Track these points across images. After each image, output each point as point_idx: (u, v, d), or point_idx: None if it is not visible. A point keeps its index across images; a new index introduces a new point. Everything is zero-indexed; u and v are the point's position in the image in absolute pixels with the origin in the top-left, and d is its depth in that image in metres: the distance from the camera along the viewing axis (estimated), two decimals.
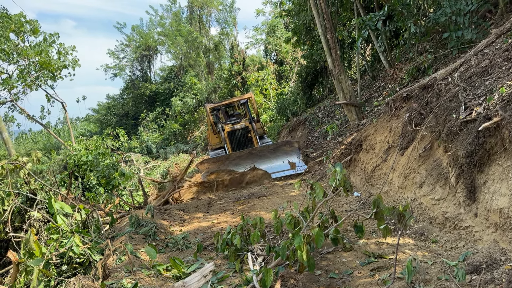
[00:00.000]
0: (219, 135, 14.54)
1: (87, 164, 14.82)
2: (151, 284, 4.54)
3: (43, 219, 7.03)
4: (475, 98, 4.73)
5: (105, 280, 4.81)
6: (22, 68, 21.20)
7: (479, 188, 4.21)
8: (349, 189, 4.79)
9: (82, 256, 5.67)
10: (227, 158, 12.58)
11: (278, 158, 12.36)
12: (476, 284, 3.23)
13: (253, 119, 14.27)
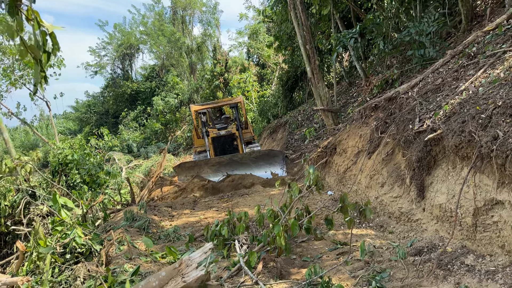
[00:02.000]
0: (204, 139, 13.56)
1: (73, 162, 15.26)
2: (150, 268, 5.26)
3: (44, 213, 7.65)
4: (427, 112, 5.62)
5: (107, 265, 5.50)
6: (6, 66, 21.40)
7: (427, 187, 5.09)
8: (321, 187, 5.63)
9: (83, 246, 6.31)
10: (206, 163, 12.00)
11: (261, 167, 11.75)
12: (417, 263, 4.09)
13: (241, 125, 13.31)
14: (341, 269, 4.41)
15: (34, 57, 1.96)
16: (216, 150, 13.07)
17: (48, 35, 1.99)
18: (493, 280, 3.29)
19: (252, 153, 11.83)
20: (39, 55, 1.95)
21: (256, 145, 13.86)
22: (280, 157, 11.68)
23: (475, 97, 4.49)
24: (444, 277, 3.64)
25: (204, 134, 13.21)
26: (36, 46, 1.95)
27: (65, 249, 6.21)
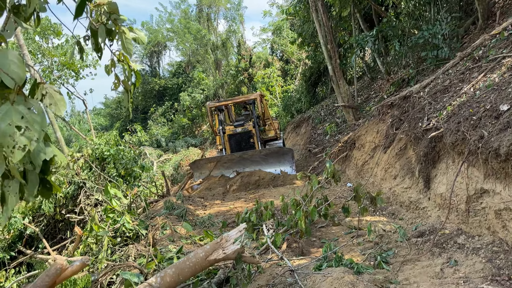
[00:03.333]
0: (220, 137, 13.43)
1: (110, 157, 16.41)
2: (190, 248, 6.15)
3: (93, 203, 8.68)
4: (434, 112, 6.26)
5: (154, 246, 6.42)
6: (45, 67, 22.85)
7: (432, 179, 5.76)
8: (338, 179, 6.39)
9: (131, 231, 7.28)
10: (218, 160, 12.23)
11: (270, 165, 11.71)
12: (419, 243, 4.81)
13: (258, 122, 12.93)
14: (354, 249, 5.17)
15: (124, 88, 2.79)
16: (232, 147, 12.96)
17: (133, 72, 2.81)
18: (477, 254, 3.99)
19: (261, 150, 11.78)
20: (128, 87, 2.77)
21: (278, 142, 13.52)
22: (290, 155, 11.64)
23: (472, 100, 5.13)
24: (439, 253, 4.36)
25: (220, 131, 13.13)
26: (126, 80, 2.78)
27: (116, 233, 7.19)
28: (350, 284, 3.58)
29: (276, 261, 4.97)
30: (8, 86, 1.42)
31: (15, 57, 1.46)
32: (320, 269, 4.35)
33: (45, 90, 1.73)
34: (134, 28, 2.67)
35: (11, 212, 1.56)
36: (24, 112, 1.43)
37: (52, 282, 3.87)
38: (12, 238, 10.24)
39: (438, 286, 3.68)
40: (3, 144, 1.37)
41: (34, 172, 1.65)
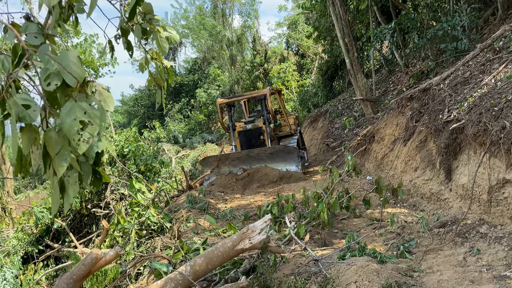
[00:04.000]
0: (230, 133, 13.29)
1: (130, 153, 16.75)
2: (214, 240, 6.32)
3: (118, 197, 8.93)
4: (455, 104, 6.28)
5: (179, 238, 6.62)
6: None
7: (453, 170, 5.80)
8: (359, 172, 6.47)
9: (156, 224, 7.50)
10: (226, 158, 12.32)
11: (276, 163, 11.63)
12: (441, 234, 4.87)
13: (268, 119, 12.63)
14: (376, 239, 5.26)
15: (158, 85, 2.94)
16: (243, 144, 12.86)
17: (166, 69, 2.96)
18: (499, 243, 4.04)
19: (267, 149, 11.70)
20: (161, 84, 2.91)
21: (293, 138, 13.18)
22: (295, 154, 11.42)
23: (493, 91, 5.14)
24: (461, 243, 4.42)
25: (230, 128, 13.06)
26: (159, 77, 2.92)
27: (141, 226, 7.42)
28: (374, 272, 3.68)
29: (299, 252, 5.10)
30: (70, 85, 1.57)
31: (75, 57, 1.61)
32: (344, 259, 4.45)
33: (95, 87, 1.87)
34: (167, 27, 2.81)
35: (72, 200, 1.71)
36: (87, 108, 1.58)
37: (88, 271, 4.07)
38: (40, 232, 10.59)
39: (461, 274, 3.75)
40: (70, 137, 1.52)
41: (87, 164, 1.80)
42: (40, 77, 1.58)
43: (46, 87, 1.56)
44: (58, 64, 1.55)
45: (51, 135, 1.55)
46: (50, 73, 1.56)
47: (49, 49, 1.65)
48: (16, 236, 10.41)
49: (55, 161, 1.56)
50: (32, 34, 2.00)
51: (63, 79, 1.56)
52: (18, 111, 1.52)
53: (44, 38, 2.05)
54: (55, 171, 1.59)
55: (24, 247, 10.16)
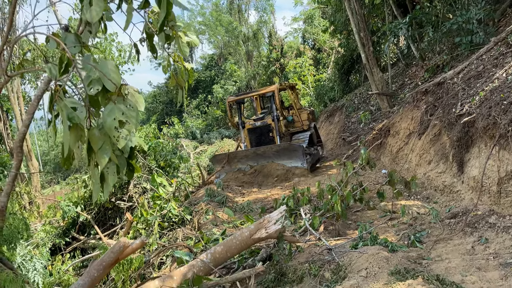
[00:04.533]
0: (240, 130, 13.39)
1: (150, 149, 17.17)
2: (233, 232, 6.59)
3: (141, 191, 9.29)
4: (468, 97, 6.38)
5: (199, 230, 6.92)
6: None
7: (465, 163, 5.92)
8: (373, 165, 6.64)
9: (177, 216, 7.82)
10: (234, 156, 12.56)
11: (282, 161, 11.74)
12: (452, 224, 5.03)
13: (277, 116, 12.57)
14: (388, 230, 5.45)
15: (179, 85, 3.19)
16: (252, 141, 12.92)
17: (187, 70, 3.21)
18: (507, 232, 4.19)
19: (273, 147, 11.79)
20: (182, 84, 3.17)
21: (304, 135, 13.14)
22: (300, 152, 11.44)
23: (503, 85, 5.25)
24: (471, 233, 4.58)
25: (239, 125, 13.09)
26: (180, 78, 3.17)
27: (163, 219, 7.74)
28: (384, 259, 3.89)
29: (314, 242, 5.32)
30: (109, 90, 1.83)
31: (113, 65, 1.87)
32: (356, 248, 4.66)
33: (127, 90, 2.13)
34: (188, 32, 3.06)
35: (111, 188, 1.98)
36: (124, 109, 1.84)
37: (116, 258, 4.38)
38: (66, 225, 11.07)
39: (468, 262, 3.93)
40: (110, 134, 1.78)
41: (122, 157, 2.07)
42: (84, 83, 1.84)
43: (89, 92, 1.82)
44: (99, 71, 1.81)
45: (95, 132, 1.82)
46: (92, 79, 1.83)
47: (91, 59, 1.92)
48: (44, 229, 10.90)
49: (98, 154, 1.82)
50: (72, 43, 2.27)
51: (103, 85, 1.82)
52: (68, 113, 1.79)
53: (81, 47, 2.33)
54: (97, 163, 1.86)
55: (52, 239, 10.65)
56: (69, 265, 9.32)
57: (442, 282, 3.50)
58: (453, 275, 3.77)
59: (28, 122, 3.12)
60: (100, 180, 2.00)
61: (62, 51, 1.99)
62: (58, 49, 2.37)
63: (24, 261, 8.51)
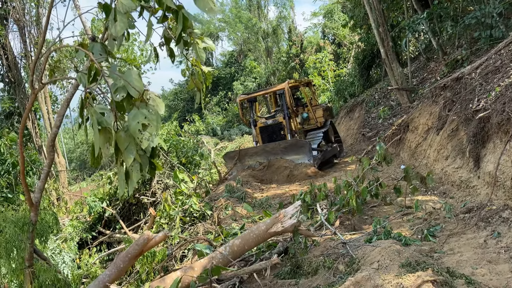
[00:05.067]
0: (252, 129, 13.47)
1: (171, 147, 17.55)
2: (251, 226, 6.80)
3: (163, 187, 9.59)
4: (484, 93, 6.39)
5: (219, 225, 7.16)
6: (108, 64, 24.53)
7: (481, 158, 5.96)
8: (390, 161, 6.73)
9: (198, 212, 8.09)
10: (245, 153, 12.74)
11: (290, 157, 11.81)
12: (466, 219, 5.10)
13: (289, 114, 12.55)
14: (403, 225, 5.56)
15: (197, 88, 3.40)
16: (264, 139, 13.00)
17: (204, 74, 3.41)
18: None
19: (281, 143, 11.89)
20: (200, 86, 3.38)
21: (318, 133, 13.00)
22: (306, 147, 11.47)
23: None
24: (484, 227, 4.65)
25: (251, 123, 13.22)
26: (198, 81, 3.38)
27: (185, 213, 8.02)
28: (396, 252, 4.02)
29: (329, 236, 5.47)
30: (133, 96, 2.04)
31: (136, 75, 2.08)
32: (370, 242, 4.79)
33: (149, 95, 2.35)
34: (204, 38, 3.26)
35: (135, 184, 2.20)
36: (146, 114, 2.05)
37: (140, 250, 4.65)
38: (93, 220, 11.53)
39: (480, 255, 4.02)
40: (135, 136, 1.99)
41: (145, 156, 2.28)
42: (111, 90, 2.06)
43: (115, 98, 2.04)
44: (124, 80, 2.02)
45: (121, 134, 2.04)
46: (118, 87, 2.04)
47: (117, 69, 2.14)
48: (72, 224, 11.38)
49: (125, 154, 2.04)
50: (98, 52, 2.50)
51: (127, 92, 2.03)
52: (97, 117, 2.01)
53: (107, 55, 2.56)
54: (123, 162, 2.08)
55: (79, 234, 11.12)
56: (96, 258, 9.73)
57: (451, 274, 3.61)
58: (463, 268, 3.87)
59: (59, 123, 3.38)
60: (125, 177, 2.22)
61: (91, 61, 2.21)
62: (87, 57, 2.61)
63: (54, 255, 8.94)
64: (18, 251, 3.51)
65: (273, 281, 4.61)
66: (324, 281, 4.21)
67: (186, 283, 4.26)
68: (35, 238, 4.36)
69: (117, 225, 10.98)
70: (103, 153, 2.28)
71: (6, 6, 14.59)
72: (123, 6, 2.17)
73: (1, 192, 10.87)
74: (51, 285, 3.54)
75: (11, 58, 14.42)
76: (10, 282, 3.83)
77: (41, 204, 9.31)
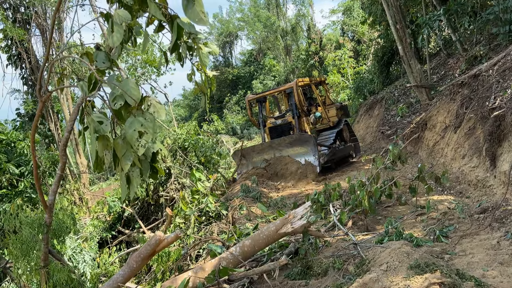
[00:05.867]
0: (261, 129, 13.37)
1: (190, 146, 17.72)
2: (265, 226, 6.84)
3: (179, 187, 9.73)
4: (501, 90, 6.25)
5: (233, 224, 7.23)
6: (130, 65, 24.95)
7: (497, 157, 5.83)
8: (404, 160, 6.66)
9: (214, 211, 8.18)
10: (253, 150, 12.73)
11: (296, 152, 11.63)
12: (481, 219, 5.01)
13: (298, 113, 12.31)
14: (416, 225, 5.50)
15: (202, 92, 3.46)
16: (273, 139, 12.66)
17: (209, 78, 3.47)
18: None
19: (286, 139, 11.74)
20: (205, 91, 3.43)
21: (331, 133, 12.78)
22: (311, 142, 11.29)
23: None
24: (498, 228, 4.56)
25: (260, 123, 13.10)
26: (203, 85, 3.43)
27: (201, 213, 8.13)
28: (405, 253, 3.99)
29: (342, 237, 5.46)
30: (130, 104, 2.11)
31: (133, 83, 2.15)
32: (382, 243, 4.76)
33: (150, 101, 2.42)
34: (208, 43, 3.31)
35: (136, 189, 2.27)
36: (143, 121, 2.11)
37: (153, 250, 4.75)
38: (112, 220, 11.78)
39: (492, 257, 3.95)
40: (131, 143, 2.06)
41: (146, 161, 2.35)
42: (109, 98, 2.14)
43: (113, 106, 2.11)
44: (121, 89, 2.10)
45: (118, 141, 2.11)
46: (116, 95, 2.11)
47: (115, 78, 2.21)
48: (92, 224, 11.66)
49: (122, 160, 2.11)
50: (101, 60, 2.59)
51: (125, 100, 2.10)
52: (95, 126, 2.09)
53: (110, 63, 2.64)
54: (122, 168, 2.15)
55: (99, 233, 11.39)
56: (115, 257, 9.94)
57: (461, 276, 3.57)
58: (474, 270, 3.82)
59: (70, 128, 3.50)
60: (127, 182, 2.30)
61: (92, 71, 2.29)
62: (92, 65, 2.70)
63: (75, 254, 9.18)
64: (34, 251, 3.65)
65: (283, 282, 4.64)
66: (333, 282, 4.22)
67: (196, 284, 4.34)
68: (51, 239, 4.51)
69: (136, 224, 11.19)
70: (105, 158, 2.36)
71: (29, 11, 15.03)
72: (119, 18, 2.24)
73: (25, 193, 11.21)
74: (65, 284, 3.66)
75: (33, 62, 14.86)
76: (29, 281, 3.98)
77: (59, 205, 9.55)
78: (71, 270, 3.95)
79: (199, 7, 2.29)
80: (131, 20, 2.38)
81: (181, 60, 3.77)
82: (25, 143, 11.30)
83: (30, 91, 15.25)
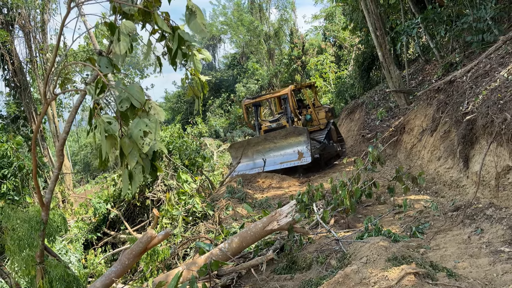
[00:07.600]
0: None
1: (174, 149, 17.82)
2: (251, 225, 7.07)
3: (165, 189, 9.86)
4: (473, 96, 6.64)
5: (220, 224, 7.43)
6: None
7: (470, 159, 6.21)
8: (383, 162, 6.99)
9: (200, 212, 8.37)
10: (248, 143, 13.09)
11: (291, 146, 12.11)
12: (454, 216, 5.36)
13: (292, 117, 12.94)
14: (394, 222, 5.81)
15: (195, 95, 3.68)
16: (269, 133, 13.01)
17: (202, 82, 3.69)
18: (500, 223, 4.50)
19: (281, 131, 12.24)
20: (198, 94, 3.66)
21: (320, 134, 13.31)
22: (305, 134, 11.77)
23: (502, 85, 5.51)
24: (469, 224, 4.91)
25: (256, 127, 13.61)
26: (196, 89, 3.66)
27: (187, 213, 8.30)
28: (384, 247, 4.28)
29: (324, 234, 5.74)
30: (136, 106, 2.32)
31: (138, 88, 2.36)
32: (362, 239, 5.05)
33: (150, 104, 2.63)
34: (201, 50, 3.54)
35: (138, 185, 2.47)
36: (147, 122, 2.32)
37: (144, 247, 4.93)
38: (98, 221, 11.81)
39: (463, 250, 4.28)
40: (137, 142, 2.27)
41: (147, 159, 2.57)
42: (116, 101, 2.34)
43: (120, 109, 2.32)
44: (128, 93, 2.31)
45: (125, 140, 2.32)
46: (122, 99, 2.32)
47: (121, 83, 2.42)
48: (77, 225, 11.67)
49: (129, 158, 2.32)
50: (104, 65, 2.79)
51: (131, 103, 2.31)
52: (105, 126, 2.29)
53: (112, 68, 2.84)
54: (127, 165, 2.36)
55: (85, 235, 11.41)
56: (101, 258, 10.01)
57: (434, 267, 3.88)
58: (447, 262, 4.13)
59: (68, 129, 3.67)
60: (129, 178, 2.51)
61: (100, 76, 2.50)
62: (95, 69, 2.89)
63: (60, 255, 9.23)
64: (30, 248, 3.79)
65: (270, 276, 4.87)
66: (316, 275, 4.48)
67: (188, 278, 4.53)
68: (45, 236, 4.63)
69: (122, 226, 11.25)
70: (109, 156, 2.57)
71: (12, 13, 14.94)
72: (126, 28, 2.46)
73: (8, 195, 11.16)
74: (61, 280, 3.81)
75: (16, 64, 14.78)
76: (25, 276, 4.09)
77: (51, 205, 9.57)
78: (66, 266, 4.10)
79: (201, 19, 2.52)
80: (136, 30, 2.58)
81: (174, 64, 4.00)
82: (8, 145, 11.25)
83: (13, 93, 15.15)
